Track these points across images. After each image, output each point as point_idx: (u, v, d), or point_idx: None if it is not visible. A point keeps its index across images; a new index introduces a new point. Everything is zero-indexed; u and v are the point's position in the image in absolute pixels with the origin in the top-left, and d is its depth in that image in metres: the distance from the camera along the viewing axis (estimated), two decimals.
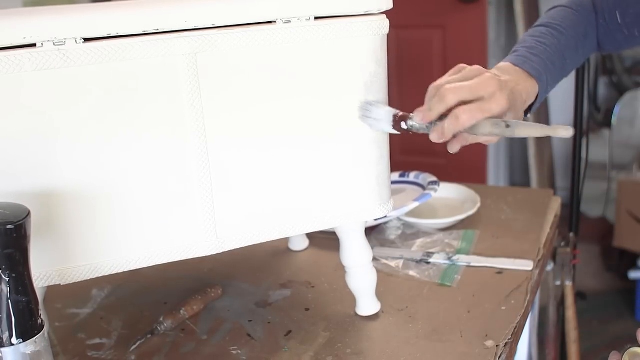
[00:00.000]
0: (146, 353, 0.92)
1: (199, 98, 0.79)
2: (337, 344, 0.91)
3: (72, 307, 1.06)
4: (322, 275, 1.11)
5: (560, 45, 0.95)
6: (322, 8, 0.81)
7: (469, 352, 0.87)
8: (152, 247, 0.82)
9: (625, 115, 2.96)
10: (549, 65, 0.92)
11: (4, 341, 0.63)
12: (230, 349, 0.92)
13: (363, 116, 0.86)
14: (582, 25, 0.99)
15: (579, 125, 1.75)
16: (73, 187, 0.77)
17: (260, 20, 0.80)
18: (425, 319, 0.96)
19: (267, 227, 0.87)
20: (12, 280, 0.63)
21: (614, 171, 2.94)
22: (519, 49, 0.94)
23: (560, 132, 0.77)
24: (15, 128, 0.73)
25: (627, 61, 3.04)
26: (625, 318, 2.55)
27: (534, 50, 0.92)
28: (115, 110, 0.76)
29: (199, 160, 0.81)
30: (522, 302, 0.99)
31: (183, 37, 0.77)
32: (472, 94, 0.79)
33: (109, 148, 0.77)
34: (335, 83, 0.84)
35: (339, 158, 0.87)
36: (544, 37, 0.95)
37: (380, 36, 0.85)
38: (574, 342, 1.57)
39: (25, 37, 0.71)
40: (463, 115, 0.78)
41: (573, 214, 1.77)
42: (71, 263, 0.79)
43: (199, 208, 0.82)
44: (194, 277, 1.12)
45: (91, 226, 0.79)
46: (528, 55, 0.91)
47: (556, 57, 0.94)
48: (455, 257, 1.13)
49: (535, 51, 0.92)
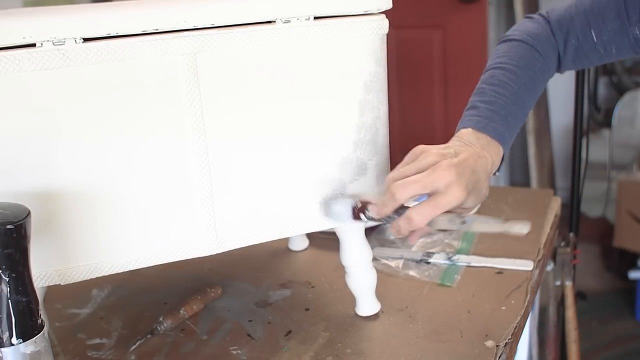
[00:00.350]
0: (146, 353, 0.92)
1: (199, 98, 0.79)
2: (337, 344, 0.91)
3: (72, 307, 1.06)
4: (322, 275, 1.11)
5: (520, 92, 0.91)
6: (321, 8, 0.81)
7: (469, 352, 0.87)
8: (152, 247, 0.82)
9: (625, 115, 2.96)
10: (511, 120, 0.89)
11: (4, 341, 0.63)
12: (230, 349, 0.92)
13: (324, 214, 0.87)
14: (538, 61, 0.95)
15: (579, 125, 1.75)
16: (73, 187, 0.77)
17: (260, 20, 0.80)
18: (425, 319, 0.96)
19: (267, 227, 0.87)
20: (12, 280, 0.63)
21: (614, 171, 2.94)
22: (479, 104, 0.89)
23: (517, 228, 0.76)
24: (15, 128, 0.73)
25: (627, 61, 3.04)
26: (625, 318, 2.55)
27: (494, 105, 0.88)
28: (115, 110, 0.76)
29: (198, 160, 0.81)
30: (522, 302, 0.99)
31: (182, 37, 0.77)
32: (426, 189, 0.77)
33: (109, 148, 0.77)
34: (334, 83, 0.84)
35: (338, 158, 0.87)
36: (503, 85, 0.90)
37: (379, 36, 0.85)
38: (574, 342, 1.57)
39: (25, 37, 0.71)
40: (416, 216, 0.76)
41: (573, 214, 1.77)
42: (71, 263, 0.79)
43: (198, 208, 0.82)
44: (194, 277, 1.12)
45: (91, 226, 0.79)
46: (489, 115, 0.87)
47: (517, 108, 0.90)
48: (455, 257, 1.13)
49: (496, 107, 0.88)
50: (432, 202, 0.76)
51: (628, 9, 0.91)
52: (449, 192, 0.76)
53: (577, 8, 0.96)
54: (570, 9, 0.97)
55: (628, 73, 3.03)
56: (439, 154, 0.79)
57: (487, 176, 0.82)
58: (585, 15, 0.95)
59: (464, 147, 0.83)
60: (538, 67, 0.95)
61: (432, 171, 0.77)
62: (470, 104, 0.90)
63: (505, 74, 0.92)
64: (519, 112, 0.90)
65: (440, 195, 0.76)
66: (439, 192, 0.76)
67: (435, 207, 0.76)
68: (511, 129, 0.89)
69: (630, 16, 0.91)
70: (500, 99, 0.89)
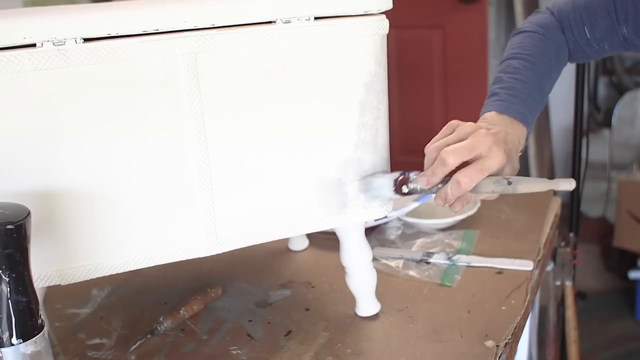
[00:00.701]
0: (146, 353, 0.93)
1: (199, 98, 0.79)
2: (337, 344, 0.91)
3: (72, 307, 1.06)
4: (322, 275, 1.11)
5: (536, 77, 0.94)
6: (321, 8, 0.81)
7: (469, 352, 0.87)
8: (152, 247, 0.82)
9: (625, 115, 2.96)
10: (531, 102, 0.91)
11: (4, 341, 0.63)
12: (230, 349, 0.92)
13: (364, 190, 0.88)
14: (552, 48, 0.98)
15: (579, 125, 1.75)
16: (73, 187, 0.77)
17: (260, 20, 0.80)
18: (425, 319, 0.96)
19: (267, 227, 0.87)
20: (12, 280, 0.63)
21: (614, 171, 2.94)
22: (498, 91, 0.92)
23: (563, 185, 0.78)
24: (16, 128, 0.73)
25: (627, 61, 3.04)
26: (625, 318, 2.55)
27: (513, 90, 0.91)
28: (115, 110, 0.76)
29: (199, 161, 0.81)
30: (522, 302, 0.99)
31: (183, 37, 0.77)
32: (471, 153, 0.79)
33: (109, 148, 0.77)
34: (335, 83, 0.84)
35: (338, 158, 0.87)
36: (519, 72, 0.94)
37: (380, 36, 0.85)
38: (574, 342, 1.57)
39: (25, 37, 0.71)
40: (464, 179, 0.79)
41: (573, 214, 1.77)
42: (71, 263, 0.79)
43: (199, 208, 0.82)
44: (194, 277, 1.12)
45: (90, 226, 0.79)
46: (509, 99, 0.90)
47: (535, 91, 0.93)
48: (455, 257, 1.13)
49: (515, 91, 0.91)
50: (478, 165, 0.79)
51: (617, 8, 0.94)
52: (491, 156, 0.79)
53: (574, 4, 1.00)
54: (568, 5, 1.01)
55: (628, 73, 3.03)
56: (475, 125, 0.83)
57: (516, 150, 0.86)
58: (580, 12, 0.98)
59: (491, 126, 0.86)
60: (552, 53, 0.98)
61: (473, 137, 0.80)
62: (490, 92, 0.93)
63: (520, 62, 0.95)
64: (537, 95, 0.93)
65: (484, 159, 0.79)
66: (481, 157, 0.79)
67: (481, 170, 0.79)
68: (532, 110, 0.91)
69: (619, 15, 0.94)
70: (518, 84, 0.92)
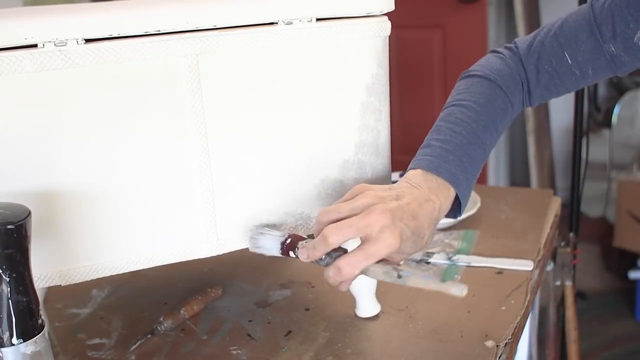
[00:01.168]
0: (146, 353, 0.93)
1: (200, 99, 0.79)
2: (337, 344, 0.91)
3: (72, 307, 1.06)
4: (322, 275, 1.09)
5: (478, 130, 0.86)
6: (323, 9, 0.82)
7: (469, 352, 0.87)
8: (152, 248, 0.82)
9: (625, 115, 2.96)
10: (466, 161, 0.83)
11: (4, 341, 0.63)
12: (230, 349, 0.92)
13: (253, 246, 0.84)
14: (499, 97, 0.90)
15: (579, 125, 1.75)
16: (74, 188, 0.77)
17: (262, 22, 0.80)
18: (425, 319, 0.96)
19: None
20: (12, 280, 0.63)
21: (614, 171, 2.94)
22: (433, 143, 0.84)
23: (453, 290, 0.72)
24: (16, 129, 0.73)
25: None
26: (625, 318, 2.55)
27: (450, 145, 0.83)
28: (116, 111, 0.76)
29: (200, 161, 0.81)
30: (522, 302, 0.99)
31: (184, 38, 0.77)
32: (358, 233, 0.73)
33: (110, 149, 0.77)
34: (336, 84, 0.84)
35: (339, 160, 0.87)
36: (460, 123, 0.86)
37: (382, 38, 0.85)
38: (574, 342, 1.58)
39: (27, 38, 0.71)
40: (346, 267, 0.73)
41: (573, 214, 1.77)
42: (72, 264, 0.79)
43: (199, 209, 0.82)
44: (194, 277, 1.12)
45: (91, 227, 0.79)
46: (443, 155, 0.82)
47: (474, 148, 0.85)
48: (455, 257, 1.13)
49: (451, 146, 0.83)
50: (363, 251, 0.73)
51: (600, 27, 0.88)
52: (381, 239, 0.72)
53: (547, 32, 0.92)
54: (538, 35, 0.93)
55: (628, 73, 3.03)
56: (377, 196, 0.75)
57: (431, 222, 0.78)
58: (556, 38, 0.91)
59: (410, 189, 0.78)
60: (499, 103, 0.90)
61: (366, 214, 0.73)
62: (426, 142, 0.86)
63: (463, 111, 0.87)
64: (476, 152, 0.85)
65: (372, 242, 0.72)
66: (371, 239, 0.73)
67: (366, 257, 0.73)
68: (466, 170, 0.83)
69: (604, 34, 0.88)
70: (457, 137, 0.84)
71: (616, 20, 0.87)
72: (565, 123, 3.14)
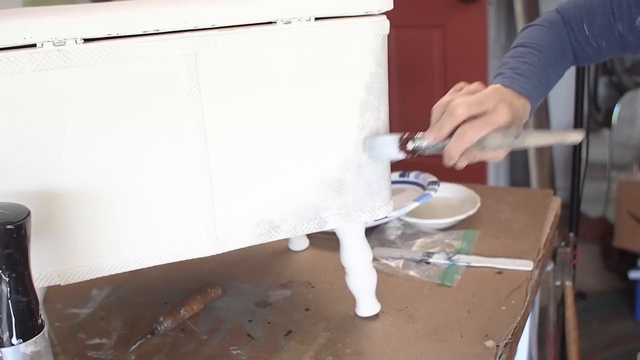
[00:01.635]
0: (146, 353, 0.93)
1: (199, 98, 0.79)
2: (337, 344, 0.91)
3: (72, 307, 1.06)
4: (322, 275, 1.11)
5: (541, 62, 0.96)
6: (322, 9, 0.81)
7: (469, 352, 0.87)
8: (152, 248, 0.82)
9: (625, 115, 2.96)
10: (535, 82, 0.93)
11: (4, 341, 0.63)
12: (230, 349, 0.92)
13: (369, 148, 0.87)
14: (556, 40, 1.01)
15: (579, 126, 1.76)
16: (73, 188, 0.77)
17: (261, 21, 0.80)
18: (425, 319, 0.96)
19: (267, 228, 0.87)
20: (12, 280, 0.63)
21: (614, 171, 2.94)
22: (504, 70, 0.94)
23: (571, 137, 0.78)
24: (16, 129, 0.73)
25: (627, 61, 3.04)
26: (625, 318, 2.55)
27: (519, 70, 0.93)
28: (115, 110, 0.76)
29: (199, 161, 0.81)
30: (522, 302, 0.99)
31: (183, 37, 0.77)
32: (479, 107, 0.81)
33: (109, 148, 0.77)
34: (335, 84, 0.84)
35: (339, 159, 0.87)
36: (525, 56, 0.96)
37: (380, 37, 0.85)
38: (574, 342, 1.57)
39: (26, 38, 0.71)
40: (470, 130, 0.80)
41: (573, 214, 1.77)
42: (71, 263, 0.79)
43: (199, 209, 0.82)
44: (194, 277, 1.12)
45: (91, 226, 0.79)
46: (514, 76, 0.92)
47: (540, 73, 0.95)
48: (455, 257, 1.13)
49: (520, 71, 0.93)
50: (483, 119, 0.81)
51: (613, 6, 0.97)
52: (498, 110, 0.81)
53: (575, 2, 1.02)
54: (569, 3, 1.03)
55: (628, 73, 3.03)
56: (481, 84, 0.86)
57: (520, 119, 0.86)
58: (580, 9, 1.01)
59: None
60: (557, 45, 1.00)
61: (480, 93, 0.83)
62: (496, 73, 0.95)
63: (527, 49, 0.97)
64: (542, 78, 0.95)
65: (491, 113, 0.81)
66: (489, 111, 0.81)
67: (488, 123, 0.80)
68: (536, 89, 0.92)
69: (615, 13, 0.96)
70: (524, 65, 0.94)
71: (623, 2, 0.95)
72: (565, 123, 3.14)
